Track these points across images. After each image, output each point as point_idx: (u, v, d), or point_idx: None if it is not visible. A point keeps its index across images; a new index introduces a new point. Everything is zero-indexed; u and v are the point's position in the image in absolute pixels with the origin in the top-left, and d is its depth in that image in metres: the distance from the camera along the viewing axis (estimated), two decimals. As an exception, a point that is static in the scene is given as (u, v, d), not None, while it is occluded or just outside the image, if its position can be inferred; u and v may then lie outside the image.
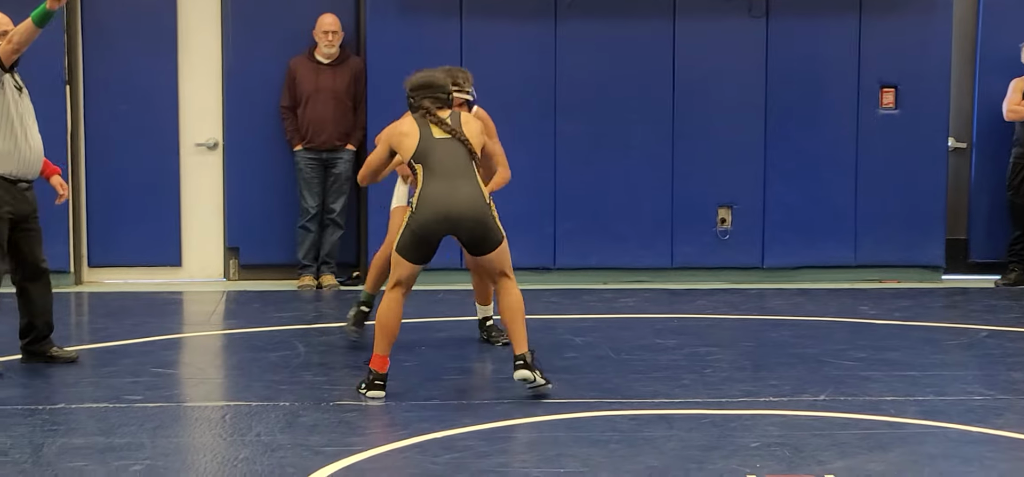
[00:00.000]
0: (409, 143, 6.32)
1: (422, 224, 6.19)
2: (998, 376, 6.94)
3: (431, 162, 6.26)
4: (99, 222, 10.07)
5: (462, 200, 6.21)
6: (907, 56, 10.11)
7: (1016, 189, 10.05)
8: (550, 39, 9.93)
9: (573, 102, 9.96)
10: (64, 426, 5.75)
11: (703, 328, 8.29)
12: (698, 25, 10.00)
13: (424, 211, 6.19)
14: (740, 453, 5.35)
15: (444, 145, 6.30)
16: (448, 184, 6.21)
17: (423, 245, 6.24)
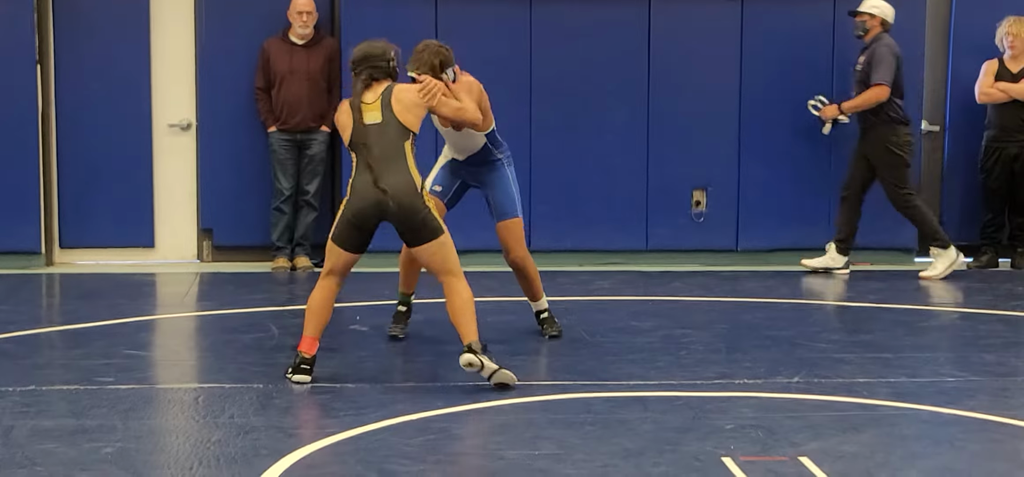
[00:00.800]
0: (346, 134, 6.27)
1: (354, 211, 6.16)
2: (970, 358, 6.97)
3: (362, 149, 6.17)
4: (71, 203, 10.01)
5: (389, 186, 6.09)
6: (881, 38, 10.13)
7: (988, 172, 10.09)
8: (525, 22, 9.92)
9: (548, 86, 9.95)
10: (34, 408, 5.72)
11: (678, 311, 8.31)
12: (673, 8, 10.01)
13: (354, 199, 6.16)
14: (715, 435, 5.36)
15: (374, 130, 6.18)
16: (376, 171, 6.11)
17: (356, 233, 6.20)
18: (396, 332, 7.23)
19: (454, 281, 6.22)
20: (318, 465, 4.94)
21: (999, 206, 10.16)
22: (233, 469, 4.86)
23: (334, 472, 4.86)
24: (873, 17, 9.56)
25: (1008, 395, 6.19)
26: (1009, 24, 9.95)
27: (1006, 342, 7.46)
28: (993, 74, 10.01)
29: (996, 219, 10.19)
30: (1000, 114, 10.02)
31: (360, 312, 8.08)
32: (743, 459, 4.99)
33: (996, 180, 10.07)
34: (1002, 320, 8.09)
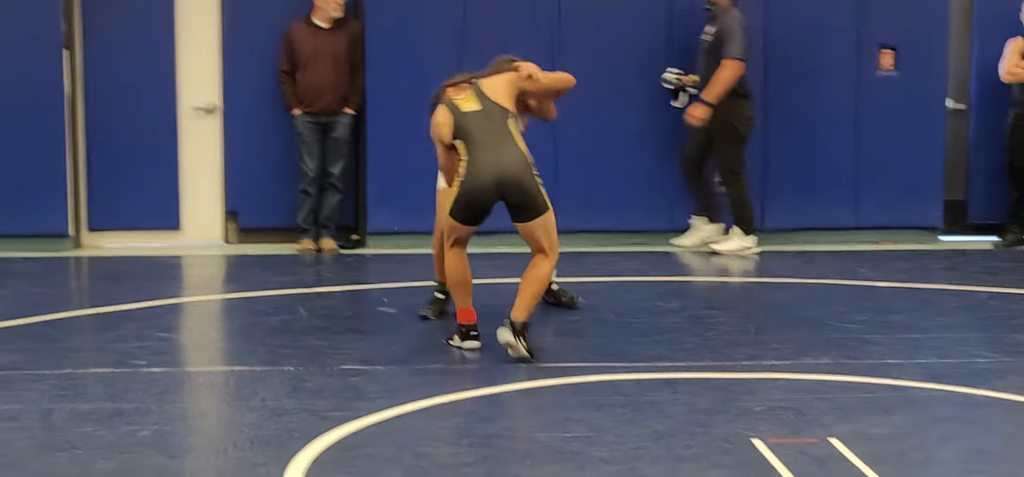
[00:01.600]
0: (445, 128, 6.48)
1: (471, 190, 6.34)
2: (1001, 338, 6.97)
3: (470, 135, 6.40)
4: (98, 186, 10.07)
5: (507, 164, 6.33)
6: (906, 17, 10.13)
7: (1014, 150, 10.07)
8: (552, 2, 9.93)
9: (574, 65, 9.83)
10: (72, 392, 5.77)
11: (704, 291, 8.33)
12: (697, -13, 10.01)
13: (472, 179, 6.33)
14: (745, 417, 5.38)
15: (476, 116, 6.44)
16: (492, 151, 6.35)
17: (474, 209, 6.40)
18: (427, 313, 7.30)
19: (544, 259, 6.45)
20: (351, 448, 4.97)
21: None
22: (267, 452, 4.90)
23: (367, 454, 4.89)
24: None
25: (1039, 376, 6.21)
26: (1034, 0, 9.95)
27: (1035, 322, 7.48)
28: (1018, 52, 9.99)
29: (1023, 198, 10.17)
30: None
31: (388, 295, 8.11)
32: (773, 441, 5.01)
33: (1022, 159, 10.05)
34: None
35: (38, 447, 4.97)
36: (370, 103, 9.93)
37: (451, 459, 4.84)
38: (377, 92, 9.91)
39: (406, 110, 9.89)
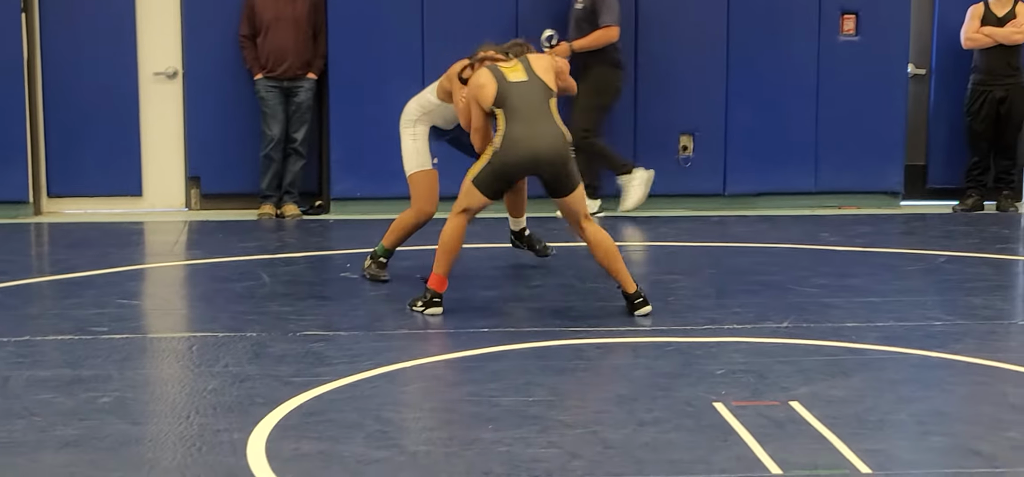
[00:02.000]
0: (488, 92, 6.44)
1: (505, 163, 6.36)
2: (957, 302, 7.04)
3: (511, 105, 6.39)
4: (58, 151, 10.00)
5: (546, 142, 6.35)
6: (868, -18, 10.17)
7: (974, 115, 10.15)
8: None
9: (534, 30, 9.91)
10: (30, 358, 5.74)
11: (666, 255, 8.35)
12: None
13: (509, 152, 6.33)
14: (706, 380, 5.41)
15: (521, 88, 6.43)
16: (531, 126, 6.35)
17: (502, 182, 6.45)
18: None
19: (592, 227, 6.54)
20: (314, 413, 4.97)
21: (985, 149, 10.23)
22: (230, 417, 4.89)
23: (330, 420, 4.89)
24: None
25: (995, 338, 6.26)
26: (995, -33, 10.00)
27: (992, 285, 7.54)
28: (979, 18, 10.05)
29: (981, 162, 10.26)
30: (986, 58, 10.07)
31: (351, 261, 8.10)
32: (735, 404, 5.04)
33: (982, 123, 10.13)
34: (988, 263, 8.15)
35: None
36: (332, 68, 9.90)
37: (414, 424, 4.85)
38: (339, 57, 9.88)
39: (369, 75, 9.89)
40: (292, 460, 4.45)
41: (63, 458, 4.47)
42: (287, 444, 4.61)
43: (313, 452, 4.54)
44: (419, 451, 4.55)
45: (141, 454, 4.54)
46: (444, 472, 4.36)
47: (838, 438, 4.65)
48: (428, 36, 9.87)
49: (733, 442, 4.64)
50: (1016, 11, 9.98)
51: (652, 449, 4.57)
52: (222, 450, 4.55)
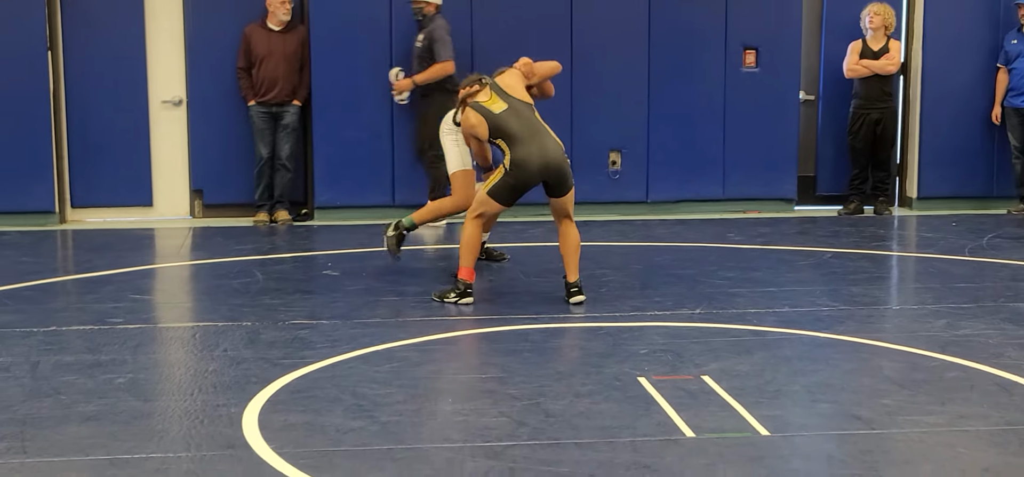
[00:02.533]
0: (482, 130, 6.43)
1: (521, 179, 6.33)
2: (841, 290, 7.10)
3: (507, 132, 6.34)
4: (80, 168, 9.88)
5: (551, 153, 6.34)
6: (765, 23, 10.21)
7: (855, 134, 10.24)
8: (466, 9, 9.89)
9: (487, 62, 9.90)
10: (56, 346, 5.68)
11: (598, 254, 8.36)
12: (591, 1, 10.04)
13: (519, 171, 6.29)
14: (631, 358, 5.44)
15: (507, 115, 6.38)
16: (532, 144, 6.31)
17: (516, 194, 6.41)
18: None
19: (572, 225, 6.55)
20: (300, 390, 4.96)
21: (863, 163, 10.31)
22: (228, 395, 4.87)
23: (314, 395, 4.87)
24: (428, 3, 9.35)
25: (873, 321, 6.32)
26: (870, 9, 10.07)
27: (870, 276, 7.61)
28: (858, 52, 10.14)
29: (861, 174, 10.34)
30: (864, 86, 10.15)
31: (332, 260, 8.07)
32: (655, 378, 5.07)
33: (861, 141, 10.21)
34: (867, 258, 8.23)
35: (27, 393, 4.90)
36: (316, 95, 9.84)
37: (385, 398, 4.84)
38: (322, 86, 9.82)
39: (347, 101, 9.85)
40: (281, 430, 4.44)
41: (85, 431, 4.44)
42: (277, 416, 4.59)
43: (299, 423, 4.53)
44: (389, 421, 4.55)
45: (152, 426, 4.51)
46: (410, 438, 4.36)
47: (742, 406, 4.69)
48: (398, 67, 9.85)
49: (654, 410, 4.66)
50: (889, 46, 10.08)
51: (586, 417, 4.59)
52: (221, 422, 4.53)
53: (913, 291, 7.42)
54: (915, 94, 10.48)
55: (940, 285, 7.18)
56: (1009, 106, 10.21)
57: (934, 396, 4.87)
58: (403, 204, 9.91)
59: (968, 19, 10.35)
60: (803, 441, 4.36)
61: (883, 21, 10.03)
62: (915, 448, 4.27)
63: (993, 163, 10.51)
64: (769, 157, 10.34)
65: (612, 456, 4.16)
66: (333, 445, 4.28)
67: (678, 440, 4.32)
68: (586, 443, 4.29)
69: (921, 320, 6.25)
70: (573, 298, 6.51)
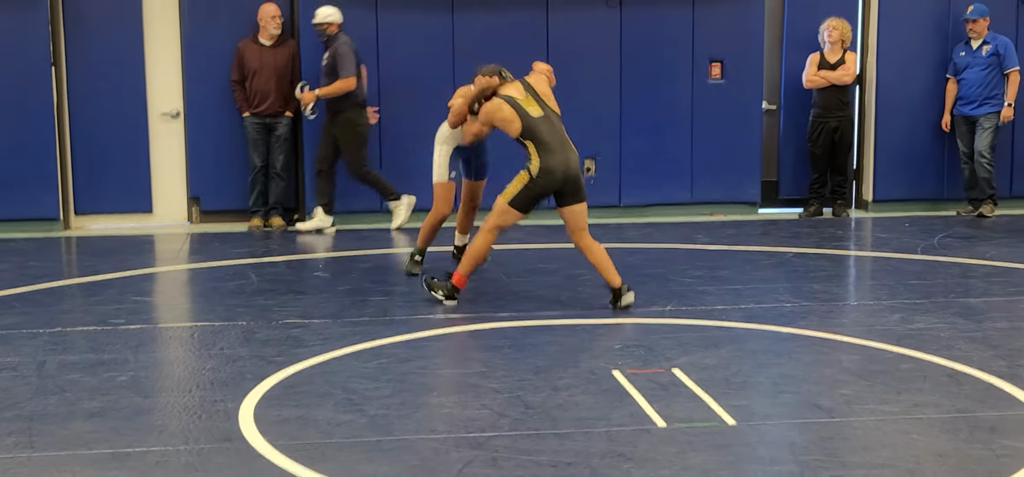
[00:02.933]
0: (515, 126, 6.26)
1: (545, 187, 6.21)
2: (802, 288, 7.12)
3: (540, 138, 6.22)
4: (83, 177, 9.82)
5: (573, 164, 6.26)
6: (730, 37, 10.23)
7: (814, 141, 10.27)
8: (448, 26, 9.88)
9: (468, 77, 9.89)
10: (61, 345, 5.65)
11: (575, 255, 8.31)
12: (566, 14, 10.02)
13: (547, 178, 6.18)
14: (606, 353, 5.45)
15: (544, 122, 6.27)
16: (560, 154, 6.22)
17: (536, 200, 6.30)
18: (415, 271, 7.31)
19: (589, 238, 6.41)
20: (294, 385, 4.94)
21: (822, 168, 10.34)
22: (225, 390, 4.85)
23: (306, 391, 4.86)
24: (330, 24, 9.33)
25: (832, 316, 6.34)
26: (828, 23, 10.11)
27: (829, 274, 7.64)
28: (816, 64, 10.17)
29: (820, 178, 10.37)
30: (822, 96, 10.19)
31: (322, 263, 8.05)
32: (629, 372, 5.08)
33: (820, 148, 10.24)
34: (826, 257, 8.25)
35: (34, 391, 4.87)
36: (306, 108, 9.81)
37: (374, 393, 4.83)
38: (311, 99, 9.79)
39: (335, 113, 9.82)
40: (275, 424, 4.42)
41: (89, 426, 4.42)
42: (271, 411, 4.58)
43: (292, 417, 4.51)
44: (378, 414, 4.54)
45: (152, 422, 4.49)
46: (398, 430, 4.35)
47: (710, 397, 4.70)
48: (383, 83, 9.84)
49: (628, 402, 4.67)
50: (846, 58, 10.12)
51: (564, 409, 4.59)
52: (218, 417, 4.51)
53: (869, 288, 7.46)
54: (870, 103, 10.53)
55: (894, 282, 7.22)
56: (958, 114, 10.27)
57: (890, 386, 4.89)
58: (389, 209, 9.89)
59: (919, 33, 10.41)
60: (768, 430, 4.38)
61: (840, 35, 10.07)
62: (873, 435, 4.29)
63: (943, 168, 10.56)
64: (734, 163, 10.36)
65: (588, 445, 4.17)
66: (325, 437, 4.27)
67: (650, 430, 4.33)
68: (564, 433, 4.29)
69: (877, 315, 6.28)
70: (625, 300, 6.35)
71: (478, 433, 4.29)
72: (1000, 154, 10.32)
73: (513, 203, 6.29)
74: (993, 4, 10.20)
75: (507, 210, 6.31)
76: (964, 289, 7.02)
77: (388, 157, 9.86)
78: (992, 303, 6.55)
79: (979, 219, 10.00)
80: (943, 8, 10.38)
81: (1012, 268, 7.63)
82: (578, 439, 4.23)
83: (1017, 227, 9.52)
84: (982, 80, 10.08)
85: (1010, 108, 10.10)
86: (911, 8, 10.39)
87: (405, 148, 9.72)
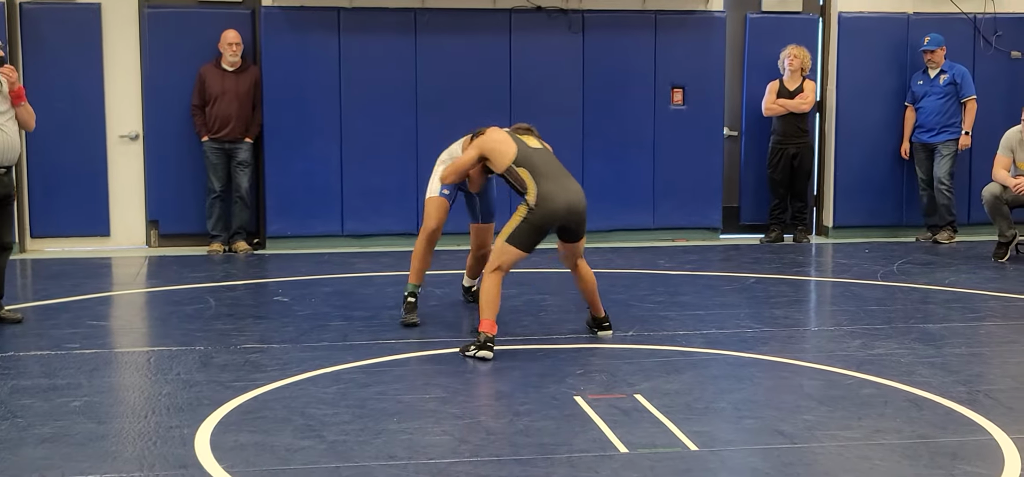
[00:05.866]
0: (509, 152, 6.02)
1: (543, 217, 5.88)
2: (763, 313, 7.13)
3: (536, 166, 5.96)
4: (40, 200, 9.69)
5: (576, 194, 6.00)
6: (692, 63, 10.29)
7: (774, 168, 10.33)
8: (411, 50, 9.86)
9: (432, 99, 9.91)
10: (13, 371, 5.53)
11: (538, 280, 8.35)
12: (529, 39, 10.03)
13: (545, 206, 5.86)
14: (569, 378, 5.41)
15: (540, 152, 6.08)
16: (558, 182, 5.96)
17: (538, 235, 5.94)
18: (412, 320, 6.58)
19: (585, 265, 6.26)
20: (251, 411, 4.86)
21: (783, 194, 10.40)
22: (181, 416, 4.77)
23: (265, 416, 4.78)
24: None
25: (793, 342, 6.35)
26: (788, 51, 10.19)
27: (790, 300, 7.65)
28: (775, 92, 10.24)
29: (781, 204, 10.43)
30: (781, 123, 10.25)
31: (282, 287, 7.97)
32: (591, 397, 5.05)
33: (779, 174, 10.30)
34: (787, 283, 8.28)
35: (-15, 417, 4.75)
36: (267, 132, 9.75)
37: (333, 418, 4.76)
38: (273, 123, 9.74)
39: (296, 138, 9.76)
40: (232, 450, 4.35)
41: (41, 452, 4.32)
42: (228, 437, 4.50)
43: (250, 443, 4.43)
44: (337, 440, 4.47)
45: (106, 448, 4.40)
46: (357, 457, 4.29)
47: (672, 423, 4.68)
48: (345, 107, 9.79)
49: (590, 427, 4.63)
50: (804, 86, 10.19)
51: (525, 435, 4.55)
52: (174, 443, 4.43)
53: (830, 313, 7.48)
54: (830, 130, 10.61)
55: (855, 308, 7.25)
56: (916, 142, 10.38)
57: (851, 412, 4.89)
58: (351, 233, 9.83)
59: (878, 61, 10.51)
60: (730, 455, 4.35)
61: (800, 63, 10.15)
62: (834, 461, 4.28)
63: (902, 194, 10.66)
64: (696, 189, 10.40)
65: (550, 471, 4.12)
66: (282, 464, 4.20)
67: (612, 455, 4.29)
68: (526, 459, 4.24)
69: (838, 340, 6.29)
70: (603, 331, 6.30)
71: (438, 459, 4.23)
72: (958, 182, 10.43)
73: (511, 240, 5.91)
74: (950, 34, 10.33)
75: (505, 248, 5.92)
76: (924, 315, 7.06)
77: (349, 187, 9.80)
78: (952, 329, 6.59)
79: (935, 245, 10.09)
80: (901, 38, 10.50)
81: (971, 294, 7.68)
82: (540, 465, 4.18)
83: (975, 253, 9.60)
84: (940, 109, 10.19)
85: (967, 136, 10.21)
86: (870, 37, 10.49)
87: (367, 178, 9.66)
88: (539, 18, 10.01)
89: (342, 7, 9.75)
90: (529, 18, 10.00)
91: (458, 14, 9.91)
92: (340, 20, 9.75)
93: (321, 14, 9.73)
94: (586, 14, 10.06)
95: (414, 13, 9.83)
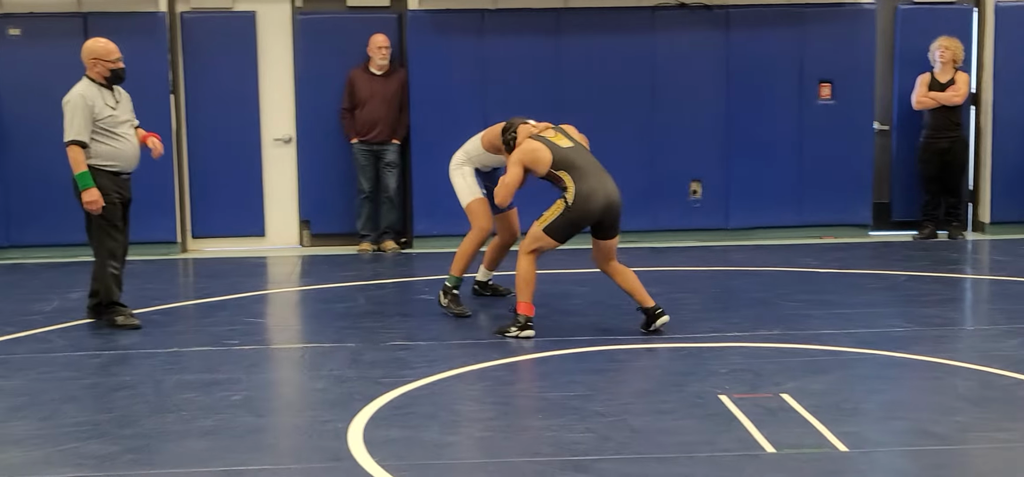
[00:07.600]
0: (542, 167, 6.22)
1: (582, 214, 6.10)
2: (914, 312, 6.95)
3: (573, 165, 6.15)
4: (199, 202, 10.11)
5: (612, 191, 6.17)
6: (840, 56, 10.07)
7: (925, 163, 10.03)
8: (554, 50, 9.92)
9: (575, 98, 9.94)
10: (177, 366, 5.81)
11: (679, 278, 8.30)
12: (672, 36, 9.97)
13: (585, 203, 6.07)
14: (712, 377, 5.38)
15: (573, 151, 6.23)
16: (598, 179, 6.15)
17: (573, 230, 6.18)
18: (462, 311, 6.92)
19: (617, 263, 6.36)
20: (401, 407, 4.99)
21: (935, 190, 10.09)
22: (334, 411, 4.93)
23: (413, 412, 4.91)
24: None
25: (945, 341, 6.18)
26: (940, 42, 9.88)
27: (943, 298, 7.44)
28: (926, 84, 9.95)
29: (933, 200, 10.12)
30: (932, 117, 9.95)
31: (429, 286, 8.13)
32: (736, 397, 5.02)
33: (932, 169, 10.01)
34: (940, 281, 8.04)
35: (151, 409, 5.02)
36: (414, 134, 9.95)
37: (479, 414, 4.86)
38: (420, 125, 9.94)
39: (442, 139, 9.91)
40: (383, 444, 4.48)
41: (203, 444, 4.53)
42: (379, 431, 4.64)
43: (400, 437, 4.56)
44: (483, 436, 4.56)
45: (264, 440, 4.59)
46: (503, 453, 4.37)
47: (820, 423, 4.62)
48: (489, 108, 9.92)
49: (735, 427, 4.61)
50: (956, 78, 9.87)
51: (669, 434, 4.55)
52: (328, 436, 4.59)
53: (986, 312, 7.24)
54: (987, 123, 10.24)
55: (1012, 306, 6.99)
56: (1079, 133, 9.93)
57: (1006, 413, 4.74)
58: (495, 233, 9.94)
59: (1037, 50, 10.10)
60: (880, 457, 4.28)
61: (952, 55, 9.83)
62: (987, 463, 4.16)
63: (1065, 188, 10.22)
64: (844, 184, 10.17)
65: (693, 470, 4.12)
66: (431, 458, 4.31)
67: (759, 455, 4.26)
68: (669, 458, 4.25)
69: (993, 340, 6.09)
70: (659, 321, 6.35)
71: (582, 456, 4.28)
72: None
73: (548, 230, 6.15)
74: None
75: (541, 236, 6.18)
76: (1087, 314, 6.77)
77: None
78: (1117, 329, 6.30)
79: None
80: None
81: None
82: (683, 463, 4.19)
83: None
84: (1105, 98, 9.74)
85: None
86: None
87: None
88: (682, 15, 9.95)
89: (486, 9, 9.89)
90: (672, 15, 9.95)
91: (601, 13, 9.93)
92: (484, 22, 9.89)
93: (465, 17, 9.88)
94: (730, 9, 9.96)
95: (557, 13, 9.90)
